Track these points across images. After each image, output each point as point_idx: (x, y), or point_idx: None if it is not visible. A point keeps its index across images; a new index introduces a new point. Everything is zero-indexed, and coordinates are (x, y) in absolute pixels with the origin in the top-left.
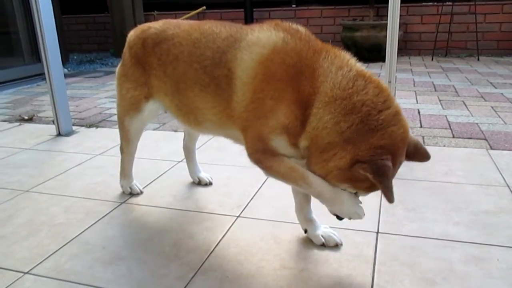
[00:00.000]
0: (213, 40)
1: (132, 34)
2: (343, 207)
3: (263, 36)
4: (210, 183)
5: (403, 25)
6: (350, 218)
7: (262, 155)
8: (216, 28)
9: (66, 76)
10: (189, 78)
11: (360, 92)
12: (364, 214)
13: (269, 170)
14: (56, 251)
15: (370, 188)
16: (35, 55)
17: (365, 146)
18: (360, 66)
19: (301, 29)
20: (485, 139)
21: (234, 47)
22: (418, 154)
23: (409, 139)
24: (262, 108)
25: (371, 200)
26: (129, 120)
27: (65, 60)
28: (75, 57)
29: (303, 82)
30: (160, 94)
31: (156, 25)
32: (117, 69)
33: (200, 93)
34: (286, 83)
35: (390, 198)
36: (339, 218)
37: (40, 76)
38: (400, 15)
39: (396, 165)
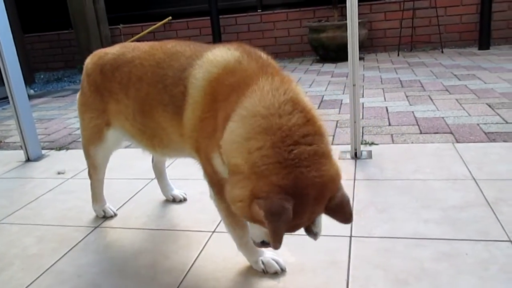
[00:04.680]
0: (177, 59)
1: (89, 62)
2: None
3: (219, 54)
4: (185, 199)
5: (367, 23)
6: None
7: (215, 177)
8: (180, 47)
9: (33, 97)
10: (154, 99)
11: (283, 116)
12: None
13: (218, 195)
14: (30, 284)
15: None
16: None
17: (264, 182)
18: (304, 97)
19: (264, 55)
20: (451, 133)
21: (192, 64)
22: (339, 213)
23: (335, 191)
24: (207, 128)
25: None
26: (94, 150)
27: (30, 81)
28: (42, 76)
29: (233, 97)
30: (120, 119)
31: (113, 50)
32: (77, 98)
33: (163, 113)
34: (223, 101)
35: (275, 243)
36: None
37: (6, 99)
38: (364, 13)
39: (301, 214)
